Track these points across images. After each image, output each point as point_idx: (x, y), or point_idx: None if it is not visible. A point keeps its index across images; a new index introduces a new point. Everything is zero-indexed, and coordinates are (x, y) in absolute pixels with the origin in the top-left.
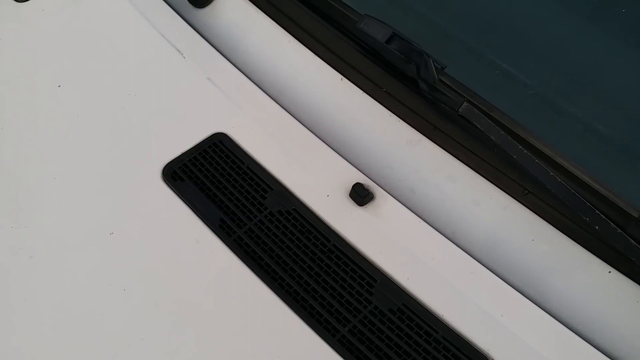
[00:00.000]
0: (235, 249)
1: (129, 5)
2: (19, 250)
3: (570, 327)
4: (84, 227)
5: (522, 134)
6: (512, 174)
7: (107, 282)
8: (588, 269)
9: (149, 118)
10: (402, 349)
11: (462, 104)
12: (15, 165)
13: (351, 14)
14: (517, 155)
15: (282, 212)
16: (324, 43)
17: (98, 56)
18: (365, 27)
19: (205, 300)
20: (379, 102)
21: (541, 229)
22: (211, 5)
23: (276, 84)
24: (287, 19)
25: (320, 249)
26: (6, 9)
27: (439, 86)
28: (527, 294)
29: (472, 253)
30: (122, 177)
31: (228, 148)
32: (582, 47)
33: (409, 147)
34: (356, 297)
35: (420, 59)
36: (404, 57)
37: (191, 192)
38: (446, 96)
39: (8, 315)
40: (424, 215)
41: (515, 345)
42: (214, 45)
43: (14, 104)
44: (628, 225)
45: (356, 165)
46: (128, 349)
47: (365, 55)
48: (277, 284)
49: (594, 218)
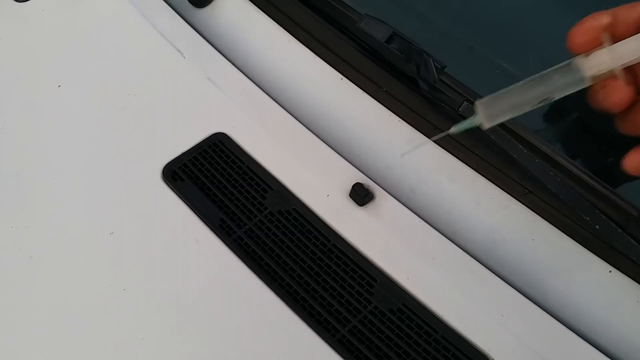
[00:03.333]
0: (235, 249)
1: (129, 5)
2: (19, 250)
3: (571, 327)
4: (84, 227)
5: (522, 133)
6: (513, 173)
7: (107, 282)
8: (588, 269)
9: (148, 118)
10: (402, 349)
11: (462, 104)
12: (15, 165)
13: (351, 13)
14: (517, 154)
15: (282, 212)
16: (324, 43)
17: (98, 56)
18: (365, 27)
19: (205, 300)
20: (379, 102)
21: (541, 229)
22: (211, 5)
23: (276, 84)
24: (287, 19)
25: (320, 249)
26: (6, 9)
27: (439, 86)
28: (527, 294)
29: (472, 253)
30: (122, 177)
31: (228, 148)
32: None
33: (409, 146)
34: (356, 297)
35: (420, 59)
36: (404, 57)
37: (191, 192)
38: (446, 96)
39: (8, 315)
40: (424, 215)
41: (515, 345)
42: (214, 45)
43: (14, 104)
44: (628, 225)
45: (356, 165)
46: (128, 348)
47: (365, 55)
48: (277, 284)
49: (594, 217)
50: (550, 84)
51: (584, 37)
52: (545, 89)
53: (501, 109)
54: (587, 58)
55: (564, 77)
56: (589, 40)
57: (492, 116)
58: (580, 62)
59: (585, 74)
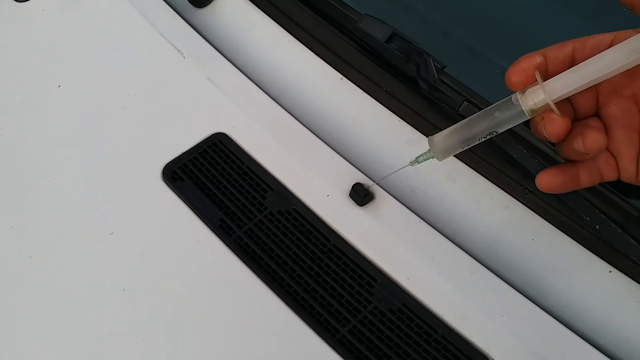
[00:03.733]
0: (235, 249)
1: (129, 5)
2: (19, 250)
3: (571, 327)
4: (84, 227)
5: (522, 133)
6: (513, 173)
7: (107, 282)
8: (589, 269)
9: (148, 118)
10: (402, 349)
11: (462, 104)
12: (15, 165)
13: (351, 13)
14: (517, 154)
15: (282, 212)
16: (324, 43)
17: (98, 56)
18: (365, 27)
19: (205, 300)
20: (379, 102)
21: (542, 229)
22: (211, 5)
23: (276, 83)
24: (287, 19)
25: (320, 249)
26: (6, 9)
27: (439, 86)
28: (527, 294)
29: (472, 253)
30: (122, 177)
31: (228, 148)
32: None
33: (409, 146)
34: (356, 297)
35: (420, 59)
36: (404, 57)
37: (191, 192)
38: (446, 96)
39: (8, 315)
40: (424, 215)
41: (515, 345)
42: (214, 45)
43: (14, 104)
44: (628, 225)
45: (356, 165)
46: (128, 348)
47: (365, 55)
48: (277, 284)
49: (594, 217)
50: (494, 119)
51: (519, 76)
52: (489, 124)
53: (451, 144)
54: (524, 95)
55: (505, 112)
56: (525, 79)
57: (443, 152)
58: (518, 97)
59: (524, 109)
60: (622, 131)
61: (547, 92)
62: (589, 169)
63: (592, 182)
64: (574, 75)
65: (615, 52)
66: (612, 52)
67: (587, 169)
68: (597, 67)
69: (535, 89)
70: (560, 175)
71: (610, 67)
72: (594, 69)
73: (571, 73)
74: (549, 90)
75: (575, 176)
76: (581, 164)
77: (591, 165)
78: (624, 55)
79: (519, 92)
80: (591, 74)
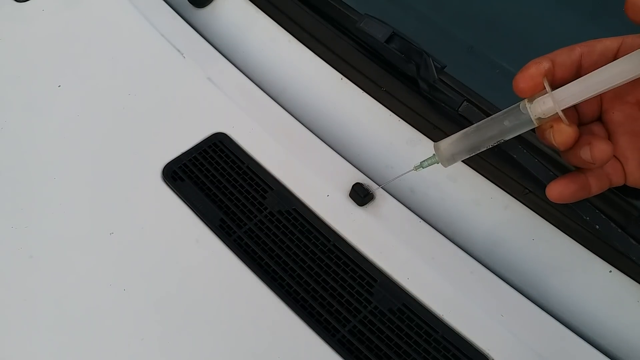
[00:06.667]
0: (235, 248)
1: (129, 5)
2: (19, 250)
3: (571, 327)
4: (84, 227)
5: (526, 136)
6: (513, 173)
7: (107, 282)
8: (589, 269)
9: (148, 118)
10: (402, 349)
11: (462, 103)
12: (15, 165)
13: (351, 13)
14: (517, 154)
15: (282, 212)
16: (324, 43)
17: (98, 56)
18: (365, 27)
19: (205, 300)
20: (379, 102)
21: (542, 229)
22: (211, 5)
23: (276, 83)
24: (287, 19)
25: (320, 249)
26: (6, 9)
27: (439, 85)
28: (527, 294)
29: (472, 253)
30: (122, 177)
31: (228, 148)
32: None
33: (409, 146)
34: (356, 297)
35: (420, 59)
36: (404, 57)
37: (191, 192)
38: (446, 95)
39: (8, 315)
40: (424, 215)
41: (515, 345)
42: (214, 45)
43: (14, 104)
44: (628, 225)
45: (356, 165)
46: (128, 349)
47: (365, 55)
48: (277, 284)
49: (594, 217)
50: (502, 127)
51: (528, 83)
52: (497, 132)
53: (458, 151)
54: (532, 103)
55: (513, 120)
56: (533, 86)
57: (450, 159)
58: (527, 105)
59: (532, 117)
60: (627, 137)
61: (557, 102)
62: (598, 176)
63: (602, 189)
64: (583, 84)
65: (625, 62)
66: (622, 63)
67: (595, 176)
68: (606, 77)
69: (543, 98)
70: (571, 184)
71: (620, 77)
72: (603, 79)
73: (580, 82)
74: (557, 100)
75: (586, 184)
76: (589, 171)
77: (599, 171)
78: (634, 66)
79: (527, 100)
80: (600, 84)
